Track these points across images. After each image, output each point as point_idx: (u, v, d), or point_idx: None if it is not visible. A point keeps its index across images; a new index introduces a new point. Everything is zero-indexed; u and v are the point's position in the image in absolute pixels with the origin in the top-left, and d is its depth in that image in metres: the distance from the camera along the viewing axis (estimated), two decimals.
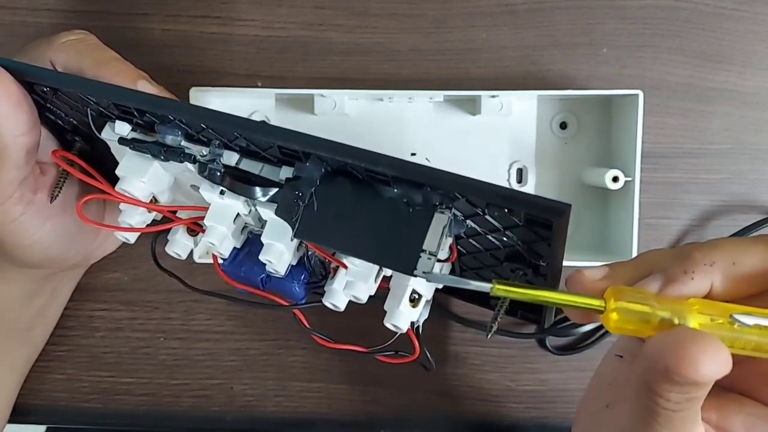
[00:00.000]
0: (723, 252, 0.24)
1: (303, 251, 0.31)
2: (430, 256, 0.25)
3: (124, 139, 0.30)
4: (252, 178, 0.29)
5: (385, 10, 0.42)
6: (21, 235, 0.34)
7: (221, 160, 0.29)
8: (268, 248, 0.30)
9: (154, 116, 0.29)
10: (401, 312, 0.29)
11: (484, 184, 0.24)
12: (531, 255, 0.27)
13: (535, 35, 0.41)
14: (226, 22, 0.42)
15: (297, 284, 0.32)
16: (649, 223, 0.41)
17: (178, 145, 0.29)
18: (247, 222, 0.32)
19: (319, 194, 0.27)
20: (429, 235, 0.26)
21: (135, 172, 0.31)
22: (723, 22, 0.41)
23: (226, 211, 0.30)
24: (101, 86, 0.30)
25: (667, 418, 0.22)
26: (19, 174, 0.32)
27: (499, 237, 0.27)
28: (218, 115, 0.28)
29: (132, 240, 0.34)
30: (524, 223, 0.26)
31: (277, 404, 0.44)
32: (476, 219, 0.27)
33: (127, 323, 0.44)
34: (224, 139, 0.29)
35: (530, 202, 0.24)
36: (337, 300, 0.30)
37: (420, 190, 0.26)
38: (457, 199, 0.26)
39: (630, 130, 0.37)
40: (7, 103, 0.30)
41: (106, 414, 0.45)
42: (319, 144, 0.26)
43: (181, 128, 0.29)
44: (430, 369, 0.34)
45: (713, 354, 0.21)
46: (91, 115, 0.31)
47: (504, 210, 0.25)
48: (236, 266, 0.32)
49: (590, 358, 0.43)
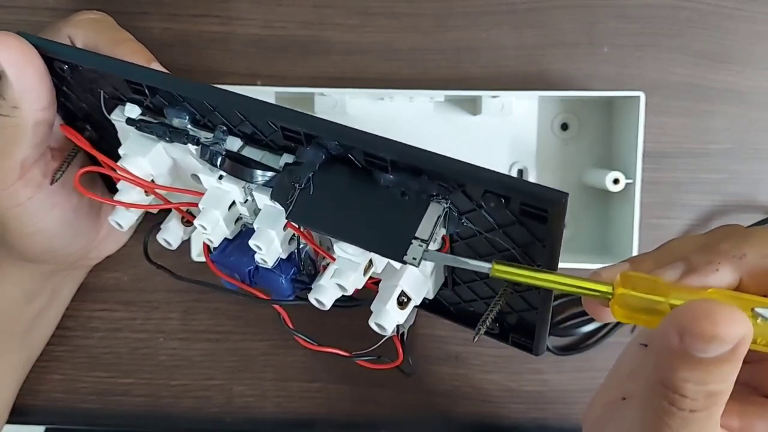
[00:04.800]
0: (755, 245, 0.22)
1: (294, 246, 0.31)
2: (421, 243, 0.25)
3: (131, 119, 0.31)
4: (252, 164, 0.29)
5: (385, 9, 0.41)
6: (26, 222, 0.33)
7: (224, 145, 0.29)
8: (259, 233, 0.29)
9: (164, 97, 0.29)
10: (387, 311, 0.29)
11: (481, 170, 0.24)
12: (525, 260, 0.27)
13: (535, 34, 0.41)
14: (226, 21, 0.42)
15: (284, 278, 0.31)
16: (649, 223, 0.41)
17: (184, 127, 0.30)
18: (242, 214, 0.32)
19: (317, 179, 0.27)
20: (423, 224, 0.25)
21: (137, 152, 0.31)
22: (723, 21, 0.41)
23: (222, 196, 0.30)
24: (119, 63, 0.30)
25: (683, 421, 0.19)
26: (33, 154, 0.32)
27: (494, 238, 0.27)
28: (227, 95, 0.28)
29: (125, 227, 0.33)
30: (520, 218, 0.25)
31: (277, 405, 0.44)
32: (472, 215, 0.26)
33: (126, 323, 0.44)
34: (230, 123, 0.29)
35: (527, 189, 0.24)
36: (324, 296, 0.30)
37: (418, 178, 0.26)
38: (454, 190, 0.25)
39: (631, 132, 0.37)
40: (33, 75, 0.30)
41: (105, 414, 0.45)
42: (323, 126, 0.26)
43: (189, 112, 0.29)
44: (410, 374, 0.33)
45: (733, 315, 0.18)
46: (103, 97, 0.31)
47: (501, 200, 0.24)
48: (225, 256, 0.32)
49: (592, 359, 0.43)
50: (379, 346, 0.31)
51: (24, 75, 0.29)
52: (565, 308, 0.42)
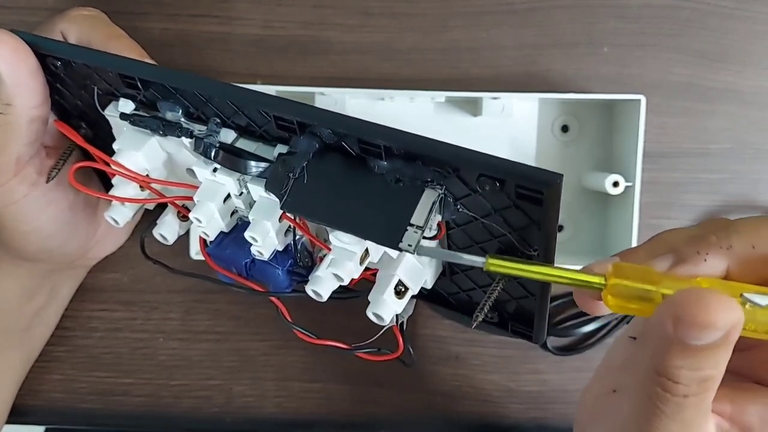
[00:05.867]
0: (742, 235, 0.23)
1: (290, 238, 0.31)
2: (417, 230, 0.25)
3: (125, 114, 0.31)
4: (246, 155, 0.29)
5: (384, 9, 0.41)
6: (21, 220, 0.33)
7: (218, 138, 0.29)
8: (255, 225, 0.29)
9: (157, 91, 0.29)
10: (385, 301, 0.29)
11: (476, 153, 0.24)
12: (522, 245, 0.27)
13: (535, 34, 0.41)
14: (226, 21, 0.42)
15: (281, 270, 0.31)
16: (649, 224, 0.41)
17: (177, 120, 0.30)
18: (238, 207, 0.32)
19: (311, 168, 0.27)
20: (418, 210, 0.25)
21: (131, 146, 0.31)
22: (723, 21, 0.41)
23: (217, 188, 0.30)
24: (110, 57, 0.30)
25: (677, 407, 0.20)
26: (28, 151, 0.32)
27: (491, 223, 0.27)
28: (219, 85, 0.28)
29: (121, 223, 0.33)
30: (515, 201, 0.25)
31: (277, 405, 0.44)
32: (468, 201, 0.26)
33: (126, 324, 0.44)
34: (223, 115, 0.29)
35: (521, 171, 0.24)
36: (321, 287, 0.29)
37: (412, 164, 0.26)
38: (449, 176, 0.25)
39: (631, 135, 0.37)
40: (25, 72, 0.30)
41: (105, 414, 0.45)
42: (316, 114, 0.26)
43: (182, 105, 0.29)
44: (411, 365, 0.33)
45: (724, 302, 0.19)
46: (97, 93, 0.31)
47: (495, 184, 0.24)
48: (222, 249, 0.32)
49: (591, 359, 0.43)
50: (379, 338, 0.31)
51: (17, 72, 0.29)
52: (564, 308, 0.42)
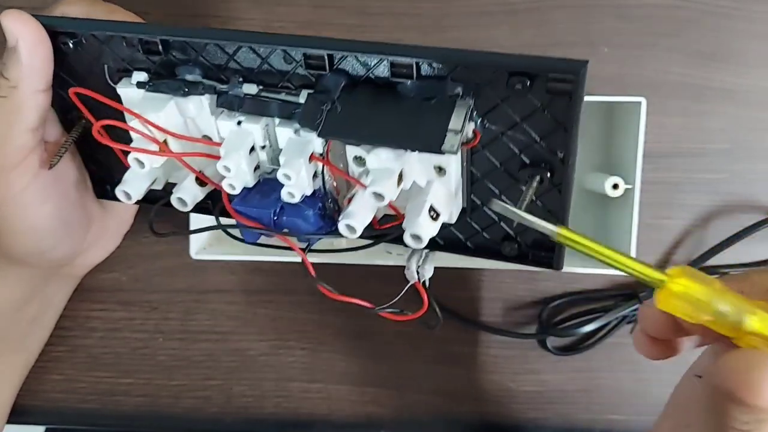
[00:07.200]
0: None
1: (320, 182, 0.31)
2: (456, 133, 0.27)
3: (142, 82, 0.31)
4: (272, 102, 0.30)
5: (384, 9, 0.41)
6: (18, 215, 0.33)
7: (241, 90, 0.30)
8: (287, 163, 0.30)
9: (178, 50, 0.30)
10: (420, 223, 0.29)
11: (506, 54, 0.26)
12: (548, 152, 0.28)
13: (534, 35, 0.41)
14: (226, 21, 0.42)
15: (312, 211, 0.31)
16: (648, 224, 0.41)
17: (198, 81, 0.30)
18: (261, 162, 0.32)
19: (342, 101, 0.28)
20: (453, 118, 0.27)
21: (151, 109, 0.31)
22: (722, 21, 0.41)
23: (244, 137, 0.31)
24: (135, 25, 0.31)
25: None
26: (31, 139, 0.32)
27: (516, 135, 0.28)
28: (249, 34, 0.29)
29: (134, 197, 0.33)
30: (543, 102, 0.27)
31: (277, 405, 0.44)
32: (494, 115, 0.28)
33: (126, 324, 0.44)
34: (245, 70, 0.30)
35: (549, 62, 0.26)
36: (355, 220, 0.29)
37: (442, 81, 0.27)
38: (477, 88, 0.27)
39: (631, 137, 0.37)
40: (43, 54, 0.30)
41: (104, 414, 0.45)
42: (350, 45, 0.27)
43: (202, 66, 0.30)
44: (436, 326, 0.33)
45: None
46: (108, 69, 0.32)
47: (526, 82, 0.26)
48: (247, 203, 0.32)
49: (591, 359, 0.43)
50: (401, 299, 0.32)
51: (35, 53, 0.30)
52: (564, 309, 0.42)
